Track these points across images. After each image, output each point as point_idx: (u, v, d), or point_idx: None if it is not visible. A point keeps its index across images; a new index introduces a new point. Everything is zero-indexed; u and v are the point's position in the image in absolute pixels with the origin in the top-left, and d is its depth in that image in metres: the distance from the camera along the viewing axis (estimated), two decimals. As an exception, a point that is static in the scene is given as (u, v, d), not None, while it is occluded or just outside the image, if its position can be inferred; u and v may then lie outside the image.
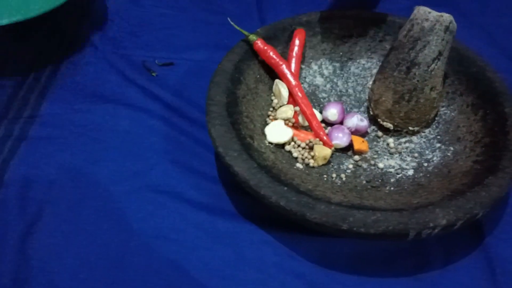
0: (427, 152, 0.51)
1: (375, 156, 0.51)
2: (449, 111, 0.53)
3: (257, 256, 0.44)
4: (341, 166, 0.50)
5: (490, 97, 0.50)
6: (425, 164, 0.49)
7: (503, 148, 0.45)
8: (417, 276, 0.43)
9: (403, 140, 0.52)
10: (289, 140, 0.50)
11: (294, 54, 0.55)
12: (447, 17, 0.47)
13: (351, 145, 0.51)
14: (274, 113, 0.53)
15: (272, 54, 0.53)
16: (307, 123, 0.52)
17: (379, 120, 0.53)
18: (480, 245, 0.45)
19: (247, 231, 0.46)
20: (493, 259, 0.44)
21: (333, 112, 0.52)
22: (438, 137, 0.52)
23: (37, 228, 0.45)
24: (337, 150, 0.51)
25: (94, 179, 0.49)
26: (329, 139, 0.50)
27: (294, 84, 0.52)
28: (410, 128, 0.52)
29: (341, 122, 0.53)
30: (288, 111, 0.51)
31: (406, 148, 0.51)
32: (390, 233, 0.39)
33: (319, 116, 0.53)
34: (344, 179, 0.48)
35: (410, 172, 0.49)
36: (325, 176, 0.48)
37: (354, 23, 0.58)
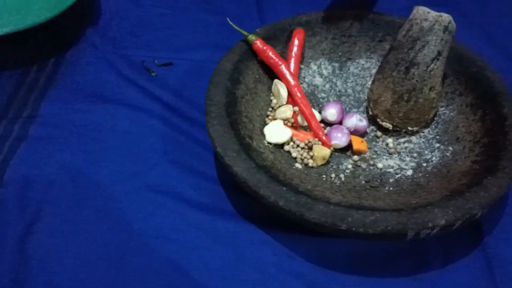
0: (426, 152, 0.51)
1: (374, 156, 0.51)
2: (448, 111, 0.53)
3: (256, 256, 0.44)
4: (340, 166, 0.50)
5: (489, 97, 0.50)
6: (424, 164, 0.49)
7: (502, 148, 0.45)
8: (416, 276, 0.43)
9: (402, 140, 0.52)
10: (288, 140, 0.50)
11: (293, 54, 0.55)
12: (446, 17, 0.47)
13: (350, 145, 0.51)
14: (273, 113, 0.53)
15: (271, 54, 0.53)
16: (306, 123, 0.52)
17: (378, 120, 0.53)
18: (479, 245, 0.45)
19: (246, 231, 0.46)
20: (492, 259, 0.44)
21: (332, 112, 0.52)
22: (437, 137, 0.52)
23: (37, 228, 0.45)
24: (336, 150, 0.51)
25: (94, 179, 0.49)
26: (328, 139, 0.50)
27: (293, 84, 0.52)
28: (409, 128, 0.52)
29: (340, 122, 0.53)
30: (287, 111, 0.51)
31: (405, 148, 0.51)
32: (389, 233, 0.39)
33: (318, 116, 0.53)
34: (343, 179, 0.48)
35: (409, 172, 0.49)
36: (324, 176, 0.48)
37: (354, 23, 0.58)
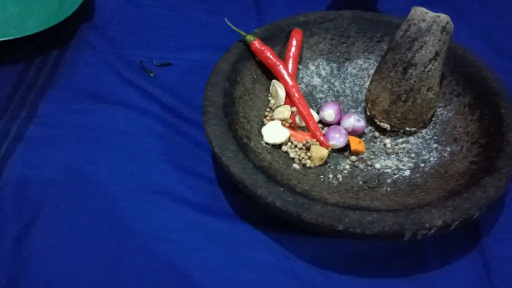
0: (424, 152, 0.51)
1: (372, 157, 0.51)
2: (446, 112, 0.53)
3: (254, 256, 0.44)
4: (338, 166, 0.50)
5: (487, 98, 0.50)
6: (422, 165, 0.49)
7: (499, 148, 0.45)
8: (414, 276, 0.43)
9: (400, 140, 0.52)
10: (286, 141, 0.50)
11: (291, 55, 0.55)
12: (443, 17, 0.47)
13: (348, 146, 0.51)
14: (271, 113, 0.53)
15: (269, 55, 0.53)
16: (304, 124, 0.52)
17: (376, 120, 0.53)
18: (477, 245, 0.45)
19: (244, 231, 0.46)
20: (489, 259, 0.44)
21: (330, 113, 0.52)
22: (435, 137, 0.52)
23: (36, 228, 0.45)
24: (334, 151, 0.51)
25: (93, 179, 0.49)
26: (326, 140, 0.50)
27: (291, 84, 0.52)
28: (407, 128, 0.52)
29: (338, 123, 0.53)
30: (285, 111, 0.51)
31: (403, 148, 0.51)
32: (386, 233, 0.39)
33: (316, 117, 0.53)
34: (340, 179, 0.48)
35: (407, 173, 0.49)
36: (322, 176, 0.49)
37: (352, 24, 0.58)
